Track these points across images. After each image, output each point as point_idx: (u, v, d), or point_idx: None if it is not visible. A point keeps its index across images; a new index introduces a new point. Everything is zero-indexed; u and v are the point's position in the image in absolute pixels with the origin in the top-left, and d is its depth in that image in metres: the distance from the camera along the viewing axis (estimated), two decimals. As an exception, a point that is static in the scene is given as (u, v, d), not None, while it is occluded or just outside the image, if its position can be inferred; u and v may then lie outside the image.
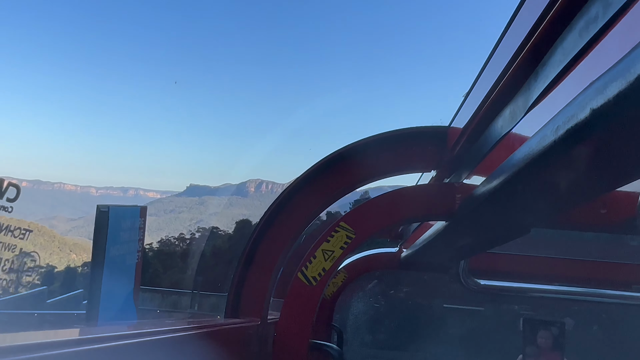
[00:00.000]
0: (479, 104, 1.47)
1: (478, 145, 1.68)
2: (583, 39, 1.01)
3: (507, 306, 5.90)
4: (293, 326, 1.88)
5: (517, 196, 1.45)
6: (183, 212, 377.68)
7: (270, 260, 2.00)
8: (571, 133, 0.97)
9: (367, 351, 5.23)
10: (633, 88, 0.78)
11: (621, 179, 1.23)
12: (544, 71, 1.17)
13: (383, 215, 1.90)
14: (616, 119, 0.87)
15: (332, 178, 2.02)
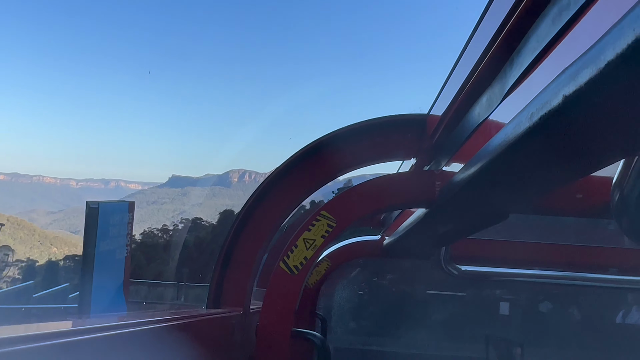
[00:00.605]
0: (457, 91, 1.48)
1: (456, 132, 1.70)
2: (556, 26, 1.02)
3: (489, 291, 5.96)
4: (275, 315, 1.88)
5: (494, 182, 1.46)
6: (165, 203, 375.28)
7: (252, 250, 2.01)
8: (545, 119, 0.99)
9: (351, 338, 5.26)
10: (603, 75, 0.79)
11: (595, 165, 1.25)
12: (519, 58, 1.18)
13: (363, 203, 1.91)
14: (588, 106, 0.88)
15: (312, 167, 2.03)
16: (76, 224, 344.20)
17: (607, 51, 0.76)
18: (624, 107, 0.89)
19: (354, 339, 5.51)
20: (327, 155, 2.03)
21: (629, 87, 0.80)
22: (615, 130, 1.02)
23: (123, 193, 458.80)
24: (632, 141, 1.12)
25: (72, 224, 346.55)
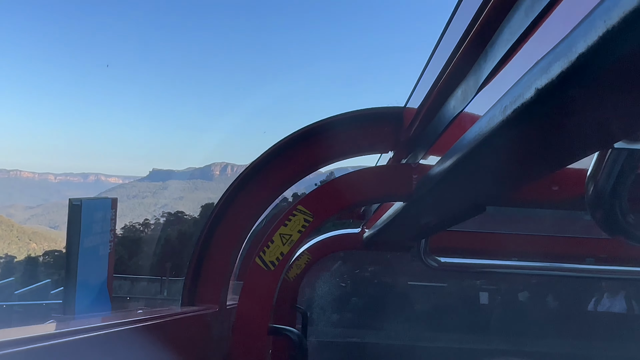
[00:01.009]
0: (432, 84, 1.47)
1: (433, 125, 1.68)
2: (529, 18, 1.01)
3: (469, 282, 6.02)
4: (252, 312, 1.86)
5: (469, 175, 1.46)
6: (147, 197, 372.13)
7: (228, 245, 1.98)
8: (518, 113, 0.97)
9: (333, 331, 5.27)
10: (575, 67, 0.77)
11: (569, 158, 1.25)
12: (493, 50, 1.16)
13: (340, 197, 1.89)
14: (560, 99, 0.87)
15: (288, 161, 2.00)
16: (55, 219, 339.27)
17: (578, 43, 0.75)
18: (596, 100, 0.88)
19: (336, 331, 5.52)
20: (304, 149, 2.01)
21: (600, 80, 0.78)
22: (588, 124, 1.01)
23: (103, 187, 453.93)
24: (605, 134, 1.12)
25: (51, 219, 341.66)
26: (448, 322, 5.56)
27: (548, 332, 5.21)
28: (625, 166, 1.28)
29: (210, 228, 1.97)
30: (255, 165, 1.97)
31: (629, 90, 0.84)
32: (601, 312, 5.50)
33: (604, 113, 0.95)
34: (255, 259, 1.87)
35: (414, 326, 5.55)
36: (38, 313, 18.02)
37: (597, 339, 4.98)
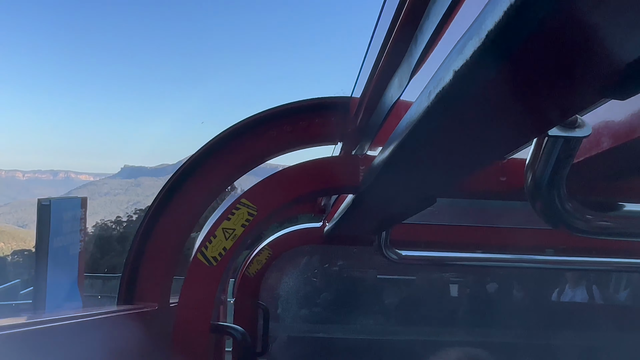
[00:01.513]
0: (370, 72, 1.42)
1: (375, 115, 1.64)
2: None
3: (439, 275, 6.04)
4: (193, 309, 1.79)
5: (409, 165, 1.42)
6: (119, 194, 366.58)
7: (169, 241, 1.90)
8: (440, 98, 0.93)
9: (300, 326, 5.22)
10: (486, 46, 0.73)
11: (503, 146, 1.22)
12: (422, 34, 1.12)
13: (285, 190, 1.83)
14: (476, 81, 0.83)
15: (232, 153, 1.93)
16: (24, 217, 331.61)
17: (487, 20, 0.71)
18: (514, 83, 0.84)
19: (303, 327, 5.47)
20: (249, 140, 1.94)
21: (514, 59, 0.74)
22: (514, 109, 0.98)
23: (73, 184, 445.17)
24: (537, 121, 1.08)
25: (19, 218, 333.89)
26: (416, 315, 5.57)
27: (514, 323, 5.27)
28: (562, 154, 1.26)
29: (150, 222, 1.89)
30: (197, 157, 1.90)
31: (548, 72, 0.81)
32: (565, 302, 5.59)
33: (527, 97, 0.91)
34: (196, 254, 1.80)
35: (382, 320, 5.54)
36: (8, 313, 17.69)
37: (562, 329, 5.06)
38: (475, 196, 1.96)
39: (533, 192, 1.36)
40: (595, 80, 0.85)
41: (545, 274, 5.35)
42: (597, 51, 0.75)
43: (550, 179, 1.31)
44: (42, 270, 1.91)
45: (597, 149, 1.35)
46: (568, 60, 0.76)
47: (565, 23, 0.66)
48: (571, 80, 0.85)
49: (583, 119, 1.25)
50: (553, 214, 1.37)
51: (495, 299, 5.82)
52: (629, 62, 0.78)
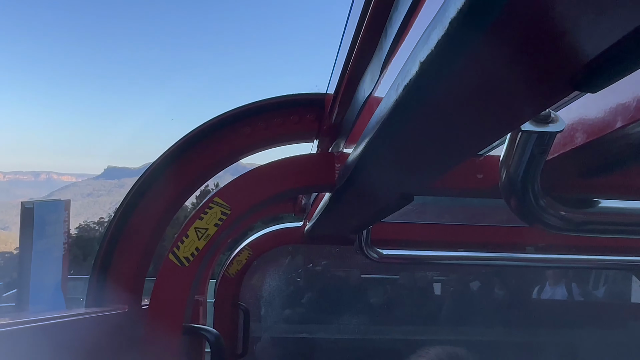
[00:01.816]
0: (342, 68, 1.39)
1: (350, 111, 1.61)
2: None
3: (422, 273, 6.05)
4: (164, 311, 1.74)
5: (381, 162, 1.39)
6: (102, 195, 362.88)
7: (140, 241, 1.85)
8: (408, 91, 0.90)
9: (281, 327, 5.19)
10: (449, 35, 0.70)
11: (476, 142, 1.19)
12: (391, 27, 1.09)
13: (259, 188, 1.80)
14: (442, 73, 0.80)
15: (205, 151, 1.88)
16: (5, 219, 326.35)
17: (450, 7, 0.68)
18: (482, 73, 0.81)
19: (285, 327, 5.43)
20: (222, 137, 1.89)
21: (479, 50, 0.72)
22: (485, 102, 0.95)
23: (55, 186, 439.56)
24: (509, 115, 1.06)
25: (0, 220, 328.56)
26: (399, 314, 5.57)
27: (496, 321, 5.30)
28: (535, 150, 1.24)
29: (119, 222, 1.84)
30: (167, 155, 1.85)
31: (515, 62, 0.78)
32: (545, 300, 5.63)
33: (497, 89, 0.89)
34: (168, 255, 1.76)
35: (366, 319, 5.52)
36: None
37: (542, 326, 5.10)
38: (452, 194, 1.94)
39: (507, 188, 1.34)
40: (565, 72, 0.83)
41: (528, 271, 5.38)
42: (565, 41, 0.73)
43: (524, 175, 1.29)
44: (26, 273, 1.94)
45: (571, 144, 1.34)
46: (535, 49, 0.74)
47: (531, 7, 0.63)
48: (540, 72, 0.83)
49: (557, 114, 1.23)
50: (527, 210, 1.35)
51: (479, 297, 5.85)
52: (599, 53, 0.76)
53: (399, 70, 1.00)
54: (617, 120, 1.26)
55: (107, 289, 1.83)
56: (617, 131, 1.26)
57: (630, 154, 1.43)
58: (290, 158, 1.82)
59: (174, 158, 1.87)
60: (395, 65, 1.10)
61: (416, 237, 3.86)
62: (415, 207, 3.54)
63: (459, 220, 3.96)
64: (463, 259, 3.67)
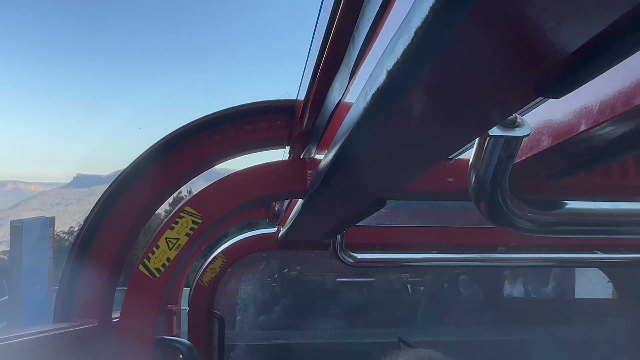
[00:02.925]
0: (311, 75, 1.39)
1: (320, 118, 1.61)
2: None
3: (397, 276, 6.09)
4: (135, 324, 1.71)
5: (352, 168, 1.39)
6: (71, 204, 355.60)
7: (109, 252, 1.81)
8: (376, 98, 0.90)
9: (257, 333, 5.15)
10: (414, 44, 0.71)
11: (445, 147, 1.20)
12: (359, 35, 1.09)
13: (231, 196, 1.78)
14: (409, 80, 0.80)
15: (175, 159, 1.86)
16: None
17: (415, 17, 0.68)
18: (447, 81, 0.82)
19: (261, 334, 5.39)
20: (193, 145, 1.87)
21: (444, 59, 0.72)
22: (449, 108, 0.96)
23: (22, 195, 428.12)
24: (476, 121, 1.07)
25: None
26: (375, 317, 5.59)
27: (469, 321, 5.37)
28: (503, 154, 1.26)
29: (87, 233, 1.80)
30: (138, 163, 1.82)
31: (480, 69, 0.79)
32: (518, 297, 5.73)
33: (463, 95, 0.90)
34: (138, 266, 1.72)
35: (341, 323, 5.53)
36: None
37: (513, 325, 5.21)
38: (425, 197, 1.96)
39: (477, 192, 1.36)
40: (528, 79, 0.84)
41: (498, 271, 5.48)
42: (527, 49, 0.74)
43: (492, 178, 1.31)
44: (16, 287, 2.15)
45: (538, 147, 1.36)
46: (499, 57, 0.75)
47: (494, 17, 0.64)
48: (504, 79, 0.84)
49: (523, 118, 1.25)
50: (497, 213, 1.37)
51: (453, 298, 5.92)
52: (562, 59, 0.77)
53: (367, 77, 1.00)
54: (581, 123, 1.29)
55: (76, 302, 1.78)
56: (581, 134, 1.29)
57: (595, 156, 1.46)
58: (262, 165, 1.81)
59: (144, 166, 1.84)
60: (363, 72, 1.10)
61: (391, 240, 3.89)
62: (389, 210, 3.56)
63: (433, 222, 4.00)
64: (437, 260, 3.71)
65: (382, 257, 3.64)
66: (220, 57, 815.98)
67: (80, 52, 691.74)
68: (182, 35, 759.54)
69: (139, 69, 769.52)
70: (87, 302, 1.79)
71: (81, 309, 1.78)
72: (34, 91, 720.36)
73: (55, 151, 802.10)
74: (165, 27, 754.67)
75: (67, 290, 1.78)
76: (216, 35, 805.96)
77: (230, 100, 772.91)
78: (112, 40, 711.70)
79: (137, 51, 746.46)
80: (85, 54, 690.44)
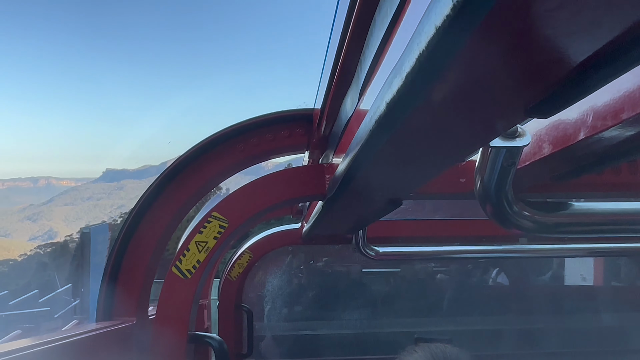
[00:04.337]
0: (327, 83, 1.48)
1: (336, 125, 1.71)
2: (390, 14, 1.02)
3: (422, 265, 6.13)
4: (170, 322, 1.84)
5: (367, 174, 1.48)
6: (102, 198, 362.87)
7: (146, 253, 1.96)
8: (380, 123, 1.00)
9: (285, 325, 5.29)
10: (407, 85, 0.80)
11: (450, 158, 1.29)
12: (372, 45, 1.17)
13: (254, 201, 1.89)
14: (405, 113, 0.89)
15: (205, 165, 1.99)
16: (5, 226, 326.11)
17: (406, 63, 0.77)
18: (451, 101, 0.90)
19: (288, 325, 5.53)
20: (219, 153, 2.00)
21: (444, 83, 0.80)
22: (455, 125, 1.05)
23: (54, 191, 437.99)
24: (478, 134, 1.15)
25: (1, 227, 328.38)
26: (401, 307, 5.66)
27: (496, 310, 5.40)
28: (505, 162, 1.34)
29: (126, 235, 1.94)
30: (172, 170, 1.96)
31: (476, 92, 0.87)
32: (542, 286, 5.75)
33: (461, 117, 0.99)
34: (171, 268, 1.86)
35: (367, 313, 5.62)
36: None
37: (540, 313, 5.22)
38: (438, 197, 2.04)
39: (482, 196, 1.44)
40: (519, 102, 0.92)
41: (527, 261, 5.49)
42: (517, 75, 0.82)
43: (497, 184, 1.39)
44: (86, 284, 2.49)
45: (541, 154, 1.43)
46: (495, 80, 0.82)
47: (492, 41, 0.71)
48: (496, 104, 0.93)
49: (524, 128, 1.33)
50: (503, 217, 1.45)
51: (479, 287, 5.95)
52: (548, 84, 0.85)
53: (378, 88, 1.09)
54: (587, 127, 1.36)
55: (116, 301, 1.93)
56: (586, 139, 1.35)
57: (602, 158, 1.52)
58: (282, 171, 1.92)
59: (175, 174, 1.97)
60: (375, 83, 1.19)
61: (412, 233, 3.96)
62: (409, 205, 3.64)
63: (454, 214, 4.06)
64: (459, 252, 3.77)
65: (404, 250, 3.72)
66: (245, 69, 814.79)
67: (111, 61, 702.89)
68: (203, 50, 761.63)
69: (168, 82, 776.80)
70: (126, 300, 1.93)
71: (121, 307, 1.94)
72: (59, 88, 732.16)
73: (85, 146, 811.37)
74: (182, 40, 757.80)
75: (107, 289, 1.93)
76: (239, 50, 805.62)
77: (253, 109, 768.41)
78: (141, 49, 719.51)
79: (160, 61, 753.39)
80: (113, 64, 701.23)
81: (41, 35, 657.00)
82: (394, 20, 1.02)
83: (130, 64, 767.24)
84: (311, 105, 1.94)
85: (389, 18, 1.03)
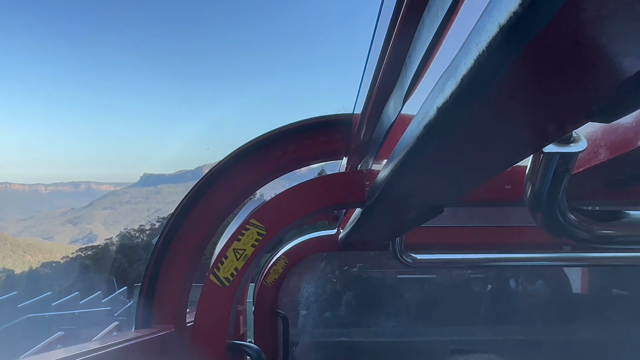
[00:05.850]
0: (368, 89, 1.44)
1: (377, 130, 1.66)
2: (438, 19, 0.98)
3: (459, 272, 6.00)
4: (208, 330, 1.83)
5: (412, 180, 1.43)
6: (139, 202, 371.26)
7: (183, 261, 1.95)
8: (428, 129, 0.95)
9: (320, 331, 5.24)
10: (462, 88, 0.75)
11: (500, 163, 1.23)
12: (419, 47, 1.13)
13: (292, 208, 1.86)
14: (457, 117, 0.85)
15: (242, 172, 1.97)
16: (48, 230, 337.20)
17: (462, 65, 0.73)
18: (502, 108, 0.85)
19: (323, 332, 5.48)
20: (258, 158, 1.98)
21: (485, 104, 0.76)
22: (505, 132, 0.99)
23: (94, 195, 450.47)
24: (531, 140, 1.09)
25: (44, 230, 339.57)
26: (437, 315, 5.54)
27: (536, 320, 5.23)
28: (559, 169, 1.26)
29: (164, 243, 1.94)
30: (210, 176, 1.94)
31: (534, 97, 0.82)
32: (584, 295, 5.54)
33: (516, 121, 0.93)
34: (209, 275, 1.84)
35: (403, 321, 5.53)
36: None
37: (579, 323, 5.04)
38: (481, 205, 1.97)
39: (533, 204, 1.37)
40: (581, 105, 0.86)
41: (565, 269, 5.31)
42: (583, 76, 0.77)
43: (549, 191, 1.32)
44: None
45: (596, 160, 1.36)
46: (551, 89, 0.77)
47: (547, 52, 0.66)
48: (556, 107, 0.87)
49: (579, 133, 1.25)
50: (555, 225, 1.38)
51: (518, 295, 5.78)
52: (615, 86, 0.79)
53: (428, 90, 1.04)
54: None
55: (154, 309, 1.93)
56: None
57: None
58: (321, 177, 1.88)
59: (212, 182, 1.96)
60: (424, 85, 1.14)
61: (450, 240, 3.87)
62: (447, 211, 3.55)
63: (492, 222, 3.95)
64: (497, 260, 3.66)
65: (441, 257, 3.63)
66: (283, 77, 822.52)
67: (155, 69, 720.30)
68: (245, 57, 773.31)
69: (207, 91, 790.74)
70: (164, 308, 1.93)
71: (159, 315, 1.93)
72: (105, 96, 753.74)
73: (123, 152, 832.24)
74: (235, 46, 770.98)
75: (146, 298, 1.92)
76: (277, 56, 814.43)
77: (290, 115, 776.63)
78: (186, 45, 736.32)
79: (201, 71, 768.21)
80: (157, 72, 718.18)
81: (84, 46, 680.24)
82: (446, 19, 0.98)
83: (172, 72, 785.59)
84: (350, 110, 1.90)
85: (440, 18, 0.98)
